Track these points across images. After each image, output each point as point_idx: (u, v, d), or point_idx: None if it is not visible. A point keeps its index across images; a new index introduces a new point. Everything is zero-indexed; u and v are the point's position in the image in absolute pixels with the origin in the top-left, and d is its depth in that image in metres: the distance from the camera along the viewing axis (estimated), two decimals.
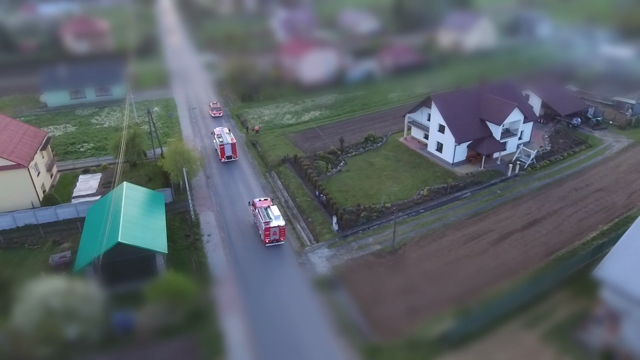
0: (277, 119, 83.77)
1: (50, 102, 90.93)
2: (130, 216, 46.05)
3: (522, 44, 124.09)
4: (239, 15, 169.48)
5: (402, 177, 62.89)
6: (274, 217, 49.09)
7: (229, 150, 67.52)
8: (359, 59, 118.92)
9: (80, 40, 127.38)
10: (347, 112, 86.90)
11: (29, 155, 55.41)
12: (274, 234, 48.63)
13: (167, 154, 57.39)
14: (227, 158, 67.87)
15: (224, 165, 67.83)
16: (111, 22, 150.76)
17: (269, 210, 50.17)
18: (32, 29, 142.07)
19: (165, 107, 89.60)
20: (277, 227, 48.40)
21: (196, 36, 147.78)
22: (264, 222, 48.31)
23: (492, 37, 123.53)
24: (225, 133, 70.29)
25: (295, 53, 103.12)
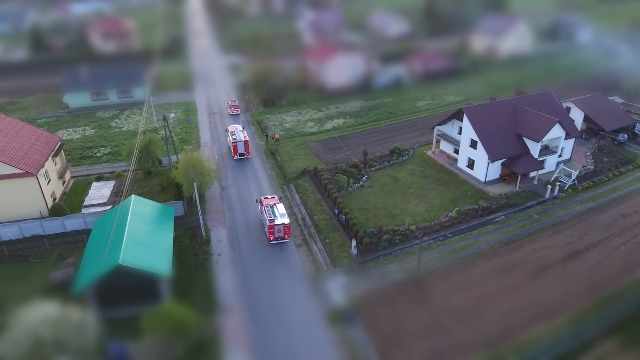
0: (298, 126, 79.86)
1: (72, 103, 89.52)
2: (134, 234, 42.84)
3: (561, 50, 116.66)
4: (266, 15, 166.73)
5: (429, 195, 58.01)
6: (279, 215, 49.26)
7: (242, 148, 67.55)
8: (387, 64, 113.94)
9: (107, 40, 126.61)
10: (372, 120, 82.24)
11: (39, 163, 53.09)
12: (279, 232, 48.81)
13: (180, 165, 54.17)
14: (239, 155, 67.98)
15: (240, 173, 64.39)
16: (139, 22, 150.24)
17: (274, 208, 50.40)
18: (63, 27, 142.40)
19: (185, 111, 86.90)
20: (282, 224, 48.50)
21: (222, 37, 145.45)
22: (269, 220, 48.62)
23: (529, 42, 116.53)
24: (239, 130, 70.60)
25: (321, 56, 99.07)
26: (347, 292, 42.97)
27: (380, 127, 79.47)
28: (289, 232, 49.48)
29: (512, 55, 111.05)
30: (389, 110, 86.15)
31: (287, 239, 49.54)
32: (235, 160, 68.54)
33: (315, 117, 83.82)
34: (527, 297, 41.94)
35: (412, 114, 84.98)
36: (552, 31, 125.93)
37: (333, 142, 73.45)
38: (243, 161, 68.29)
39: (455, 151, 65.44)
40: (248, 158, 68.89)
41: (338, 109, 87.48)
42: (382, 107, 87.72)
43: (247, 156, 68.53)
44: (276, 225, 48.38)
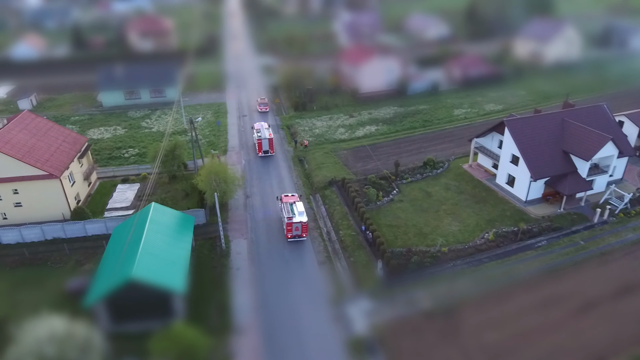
0: (329, 132, 76.83)
1: (106, 102, 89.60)
2: (150, 245, 40.94)
3: (613, 57, 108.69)
4: (303, 16, 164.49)
5: (464, 213, 53.84)
6: (298, 213, 49.28)
7: (266, 145, 67.77)
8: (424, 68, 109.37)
9: (144, 38, 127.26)
10: (406, 128, 78.23)
11: (63, 165, 52.22)
12: (296, 230, 48.94)
13: (203, 172, 52.16)
14: (264, 152, 68.22)
15: (266, 180, 61.97)
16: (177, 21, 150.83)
17: (294, 206, 50.36)
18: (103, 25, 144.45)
19: (215, 112, 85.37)
20: (300, 223, 48.49)
21: (258, 37, 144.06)
22: (287, 217, 48.72)
23: (577, 48, 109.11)
24: (264, 128, 70.81)
25: (355, 59, 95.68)
26: (370, 318, 39.70)
27: (414, 136, 75.42)
28: (307, 230, 49.32)
29: (559, 62, 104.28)
30: (424, 118, 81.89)
31: (305, 237, 49.38)
32: (262, 165, 66.36)
33: (347, 123, 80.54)
34: (571, 337, 37.51)
35: (449, 123, 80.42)
36: (603, 37, 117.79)
37: (364, 150, 70.05)
38: (269, 167, 65.90)
39: (494, 166, 60.87)
40: (276, 165, 66.49)
41: (371, 115, 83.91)
42: (417, 115, 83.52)
43: (272, 154, 68.48)
44: (294, 223, 48.39)
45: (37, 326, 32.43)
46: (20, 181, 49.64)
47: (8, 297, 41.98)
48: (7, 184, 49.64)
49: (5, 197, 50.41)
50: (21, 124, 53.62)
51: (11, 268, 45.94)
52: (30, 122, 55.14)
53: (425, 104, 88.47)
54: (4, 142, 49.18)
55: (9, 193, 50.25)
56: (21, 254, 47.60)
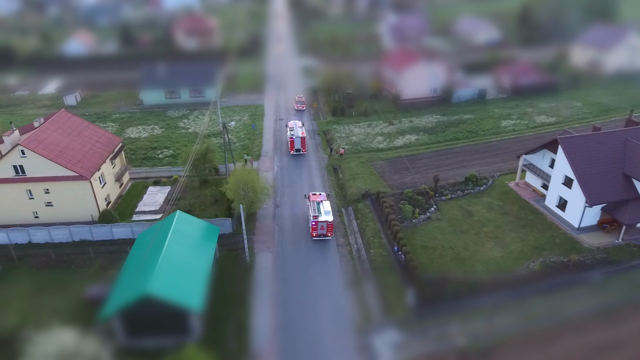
0: (366, 140, 73.33)
1: (147, 100, 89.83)
2: (170, 257, 39.15)
3: None
4: (348, 16, 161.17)
5: (508, 238, 49.16)
6: (324, 213, 49.05)
7: (298, 144, 67.58)
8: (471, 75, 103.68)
9: (190, 37, 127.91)
10: (448, 139, 73.56)
11: (95, 166, 51.57)
12: (322, 229, 48.66)
13: (232, 180, 50.08)
14: (295, 151, 68.14)
15: (298, 188, 59.29)
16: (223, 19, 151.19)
17: (320, 205, 50.20)
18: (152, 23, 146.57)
19: (252, 115, 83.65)
20: (325, 222, 48.24)
21: (301, 38, 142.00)
22: (313, 216, 48.55)
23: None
24: (298, 127, 70.60)
25: (399, 64, 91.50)
26: (397, 352, 36.25)
27: (456, 148, 70.69)
28: (332, 229, 49.02)
29: (621, 72, 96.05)
30: (468, 129, 76.84)
31: (330, 236, 49.14)
32: (294, 169, 64.35)
33: (386, 131, 76.73)
34: None
35: (495, 135, 75.02)
36: None
37: (402, 161, 66.16)
38: (302, 174, 63.26)
39: (544, 186, 55.61)
40: (309, 172, 63.83)
41: (412, 123, 79.66)
42: (461, 125, 78.54)
43: (304, 152, 68.37)
44: (319, 222, 48.18)
45: (47, 340, 31.15)
46: (52, 181, 49.32)
47: (29, 301, 41.37)
48: (39, 183, 49.44)
49: (37, 196, 50.28)
50: (57, 123, 53.44)
51: (37, 269, 45.52)
52: (66, 122, 54.94)
53: (470, 113, 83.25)
54: (38, 142, 48.94)
55: (41, 192, 50.06)
56: (48, 254, 47.14)
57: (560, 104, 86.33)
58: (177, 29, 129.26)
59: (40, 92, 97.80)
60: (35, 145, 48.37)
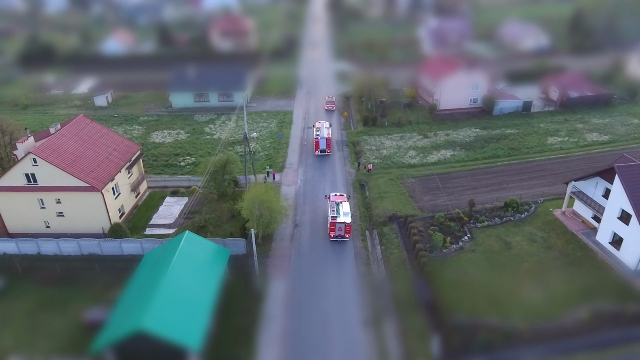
0: (398, 154, 68.14)
1: (175, 103, 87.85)
2: (172, 286, 35.82)
3: None
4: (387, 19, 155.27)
5: (551, 277, 43.16)
6: (343, 214, 48.58)
7: (323, 145, 66.67)
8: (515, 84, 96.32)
9: (225, 38, 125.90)
10: (488, 157, 67.32)
11: (108, 176, 49.09)
12: (339, 230, 48.21)
13: (247, 198, 46.34)
14: (320, 152, 67.21)
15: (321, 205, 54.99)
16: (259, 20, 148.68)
17: (340, 206, 49.64)
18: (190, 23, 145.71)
19: (280, 122, 79.95)
20: (343, 223, 47.75)
21: (338, 40, 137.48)
22: (331, 217, 48.15)
23: None
24: (325, 127, 69.41)
25: (438, 72, 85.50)
26: None
27: (496, 167, 64.45)
28: (350, 231, 48.63)
29: None
30: (510, 145, 70.23)
31: (348, 237, 48.71)
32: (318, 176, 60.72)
33: (420, 144, 71.22)
34: None
35: (540, 154, 68.10)
36: None
37: (435, 180, 60.65)
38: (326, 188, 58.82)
39: (596, 218, 49.03)
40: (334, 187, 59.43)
41: (448, 136, 73.74)
42: (503, 140, 71.96)
43: (328, 153, 67.48)
44: (337, 223, 47.69)
45: None
46: (63, 191, 47.16)
47: (28, 320, 39.08)
48: (51, 192, 47.37)
49: (48, 206, 48.28)
50: (73, 130, 51.36)
51: (42, 284, 43.29)
52: (83, 128, 52.85)
53: (513, 127, 76.42)
54: (51, 150, 46.83)
55: (52, 202, 48.03)
56: (55, 268, 44.91)
57: (614, 120, 78.14)
58: (212, 30, 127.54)
59: (74, 92, 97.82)
60: (48, 153, 46.26)
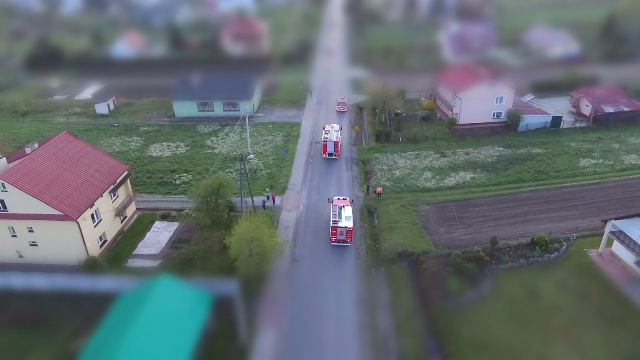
0: (412, 176, 61.60)
1: (178, 112, 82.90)
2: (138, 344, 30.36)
3: None
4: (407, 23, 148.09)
5: (587, 339, 36.35)
6: (345, 218, 47.84)
7: (331, 148, 65.54)
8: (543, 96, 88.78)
9: (236, 41, 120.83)
10: (512, 181, 60.27)
11: (86, 202, 44.05)
12: (341, 234, 47.30)
13: (237, 232, 40.64)
14: (328, 155, 66.10)
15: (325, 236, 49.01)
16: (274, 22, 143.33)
17: (342, 210, 48.92)
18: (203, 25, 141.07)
19: (286, 136, 74.15)
20: (345, 228, 46.88)
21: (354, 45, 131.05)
22: (333, 221, 47.51)
23: None
24: (334, 130, 68.24)
25: (458, 83, 78.46)
26: None
27: (521, 194, 57.36)
28: (352, 235, 47.75)
29: None
30: (537, 168, 62.96)
31: (349, 242, 47.81)
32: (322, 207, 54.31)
33: (436, 164, 64.54)
34: None
35: (571, 178, 60.73)
36: None
37: (452, 208, 54.12)
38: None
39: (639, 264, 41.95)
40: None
41: (468, 155, 66.83)
42: (528, 162, 64.69)
43: (336, 157, 66.23)
44: (339, 228, 46.87)
45: None
46: (35, 219, 42.31)
47: None
48: (22, 221, 42.55)
49: (20, 235, 43.61)
50: (52, 149, 46.52)
51: (5, 327, 38.43)
52: (64, 147, 48.00)
53: (540, 146, 69.02)
54: (22, 174, 42.02)
55: (24, 231, 43.31)
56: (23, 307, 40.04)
57: None
58: (224, 33, 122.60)
59: (77, 97, 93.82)
60: (19, 178, 41.44)
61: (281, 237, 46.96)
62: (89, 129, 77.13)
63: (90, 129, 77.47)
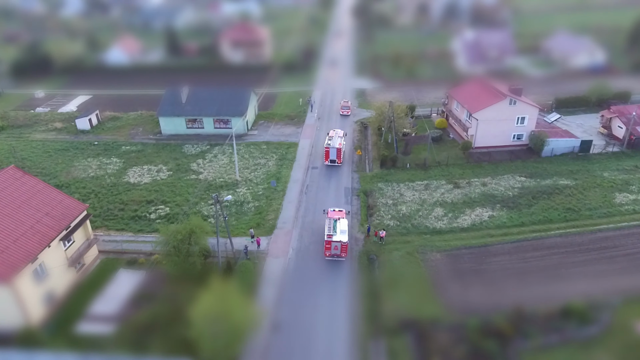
0: (420, 213, 53.00)
1: (165, 129, 75.15)
2: None
3: None
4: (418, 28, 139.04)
5: None
6: (340, 232, 44.98)
7: (334, 155, 63.02)
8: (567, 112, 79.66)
9: (235, 48, 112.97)
10: (537, 221, 51.31)
11: (27, 256, 36.35)
12: (335, 249, 44.62)
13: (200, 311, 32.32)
14: (330, 162, 63.47)
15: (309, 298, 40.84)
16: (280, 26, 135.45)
17: (337, 223, 46.09)
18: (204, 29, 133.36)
19: (281, 159, 65.96)
20: (339, 242, 44.18)
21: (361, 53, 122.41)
22: (327, 235, 44.74)
23: None
24: (338, 136, 65.38)
25: (474, 100, 69.61)
26: None
27: (549, 239, 48.50)
28: (347, 250, 44.76)
29: None
30: (565, 204, 53.97)
31: (344, 257, 44.95)
32: (315, 253, 46.19)
33: (449, 198, 55.85)
34: None
35: (607, 219, 51.62)
36: None
37: (468, 257, 45.55)
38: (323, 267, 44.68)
39: None
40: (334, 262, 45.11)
41: (485, 187, 58.02)
42: (555, 195, 55.73)
43: (339, 164, 63.41)
44: (333, 242, 44.24)
45: None
46: None
47: None
48: None
49: None
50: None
51: None
52: (10, 185, 40.47)
53: (568, 176, 59.96)
54: None
55: None
56: None
57: None
58: (223, 39, 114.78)
59: (61, 110, 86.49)
60: None
61: (262, 299, 38.78)
62: (66, 148, 69.76)
63: (68, 147, 70.06)
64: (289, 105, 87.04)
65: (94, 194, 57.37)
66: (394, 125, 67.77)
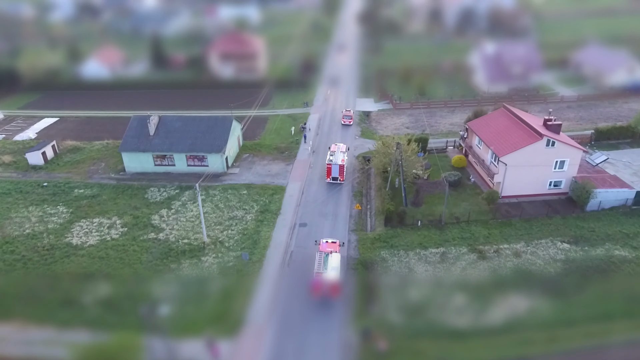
0: (436, 301, 39.99)
1: (130, 167, 62.81)
2: None
3: None
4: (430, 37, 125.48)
5: None
6: (331, 269, 39.46)
7: (336, 172, 58.42)
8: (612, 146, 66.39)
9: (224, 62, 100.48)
10: (591, 316, 38.10)
11: None
12: (325, 290, 38.80)
13: None
14: (332, 179, 58.71)
15: None
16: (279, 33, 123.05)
17: (328, 258, 40.61)
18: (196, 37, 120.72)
19: (262, 210, 53.24)
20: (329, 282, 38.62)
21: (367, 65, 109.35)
22: (316, 272, 39.42)
23: None
24: (340, 151, 60.83)
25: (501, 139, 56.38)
26: None
27: (609, 350, 35.29)
28: (338, 291, 38.51)
29: None
30: (627, 289, 40.65)
31: (335, 297, 38.31)
32: (294, 351, 33.35)
33: (472, 276, 42.69)
34: None
35: None
36: None
37: None
38: None
39: None
40: None
41: (519, 258, 44.82)
42: (610, 272, 42.44)
43: (341, 182, 58.63)
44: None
45: None
46: None
47: None
48: None
49: None
50: None
51: None
52: None
53: (623, 242, 46.51)
54: None
55: None
56: None
57: None
58: (212, 51, 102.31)
59: (17, 137, 74.54)
60: None
61: None
62: (7, 192, 57.66)
63: (10, 190, 57.98)
64: (280, 132, 74.43)
65: (22, 263, 45.21)
66: (402, 169, 54.53)
